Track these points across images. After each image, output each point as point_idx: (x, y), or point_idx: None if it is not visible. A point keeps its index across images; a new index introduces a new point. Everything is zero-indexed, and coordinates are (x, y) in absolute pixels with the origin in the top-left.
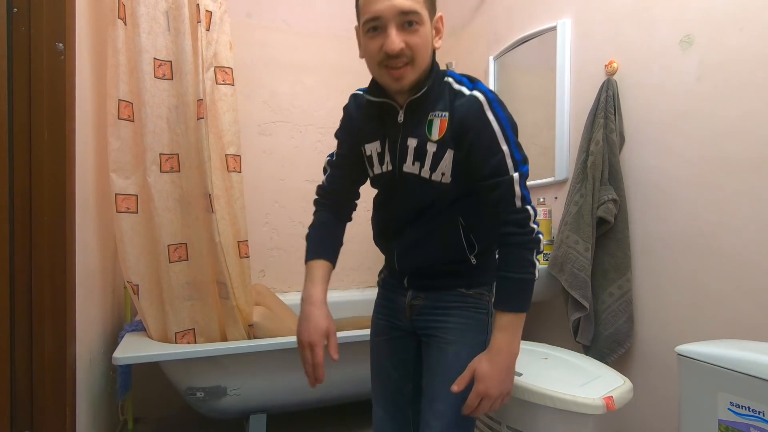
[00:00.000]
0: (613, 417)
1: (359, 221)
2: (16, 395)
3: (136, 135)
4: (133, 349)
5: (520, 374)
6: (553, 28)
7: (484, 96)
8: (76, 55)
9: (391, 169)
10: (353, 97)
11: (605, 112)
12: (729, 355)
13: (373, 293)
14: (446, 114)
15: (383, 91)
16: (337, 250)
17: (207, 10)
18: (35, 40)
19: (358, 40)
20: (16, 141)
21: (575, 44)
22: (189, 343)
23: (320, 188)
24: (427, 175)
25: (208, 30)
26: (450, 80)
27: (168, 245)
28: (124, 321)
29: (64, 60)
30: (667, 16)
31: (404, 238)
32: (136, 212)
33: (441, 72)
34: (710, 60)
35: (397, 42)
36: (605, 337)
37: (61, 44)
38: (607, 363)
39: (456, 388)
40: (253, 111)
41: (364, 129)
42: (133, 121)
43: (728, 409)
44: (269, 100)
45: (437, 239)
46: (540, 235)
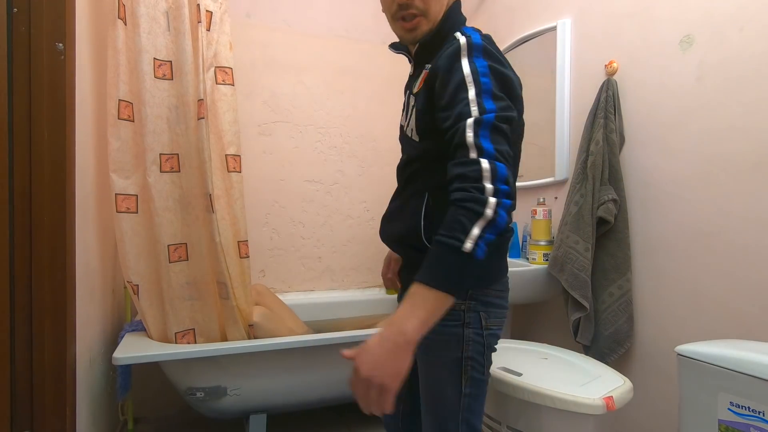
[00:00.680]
0: (613, 417)
1: (359, 221)
2: (16, 395)
3: (136, 135)
4: (133, 349)
5: (520, 374)
6: (553, 28)
7: (467, 40)
8: (76, 55)
9: (402, 125)
10: None
11: (605, 112)
12: (729, 355)
13: (373, 293)
14: (430, 65)
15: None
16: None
17: (207, 10)
18: (35, 40)
19: None
20: (16, 141)
21: (575, 44)
22: (189, 343)
23: None
24: (409, 132)
25: (209, 30)
26: (458, 33)
27: (168, 245)
28: (124, 321)
29: (64, 60)
30: (667, 16)
31: (389, 206)
32: (136, 212)
33: (455, 26)
34: (710, 60)
35: None
36: (605, 337)
37: (61, 44)
38: (607, 363)
39: (344, 354)
40: (253, 111)
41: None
42: (133, 121)
43: (728, 409)
44: (269, 100)
45: (404, 213)
46: (492, 199)
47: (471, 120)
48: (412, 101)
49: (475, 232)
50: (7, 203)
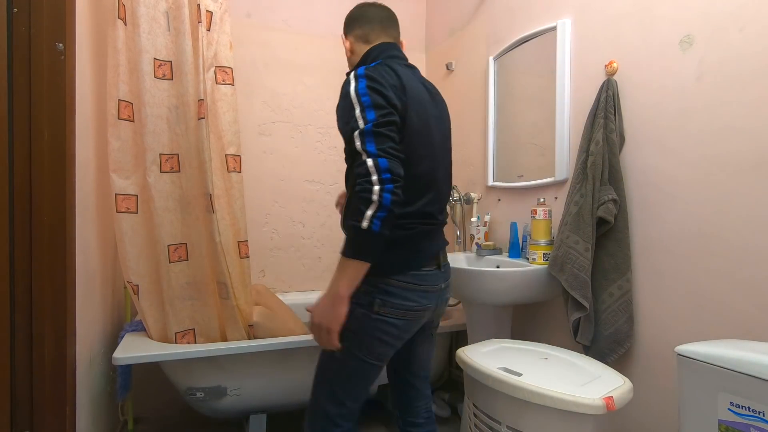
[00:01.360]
0: (613, 417)
1: None
2: (16, 395)
3: (136, 135)
4: (133, 349)
5: (520, 374)
6: (553, 28)
7: (354, 74)
8: (76, 55)
9: None
10: None
11: (605, 112)
12: (729, 355)
13: None
14: None
15: None
16: None
17: (207, 11)
18: (35, 40)
19: None
20: (16, 141)
21: (575, 44)
22: (189, 344)
23: None
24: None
25: (209, 30)
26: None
27: (168, 245)
28: (124, 321)
29: (64, 60)
30: (667, 16)
31: None
32: (136, 212)
33: (360, 65)
34: (710, 60)
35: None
36: (605, 337)
37: (61, 44)
38: (607, 363)
39: (307, 308)
40: (253, 111)
41: None
42: (133, 121)
43: (728, 409)
44: (269, 100)
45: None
46: (375, 187)
47: (358, 131)
48: None
49: (368, 213)
50: (7, 203)
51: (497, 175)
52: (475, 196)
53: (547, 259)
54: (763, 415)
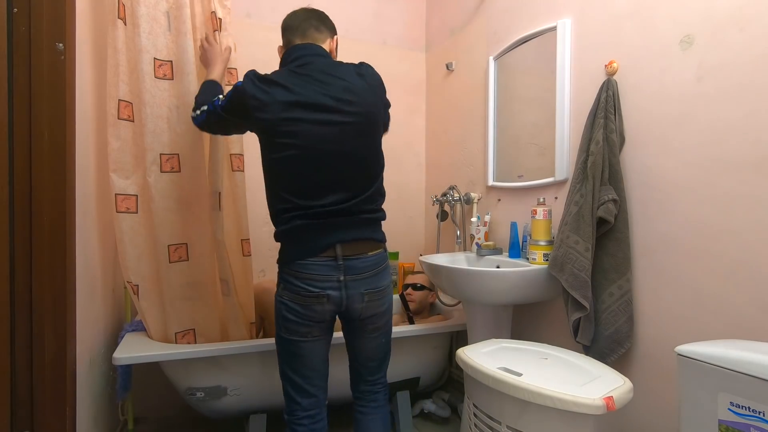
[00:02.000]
0: (613, 417)
1: None
2: (16, 395)
3: (136, 135)
4: (133, 349)
5: (520, 374)
6: (553, 28)
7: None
8: (76, 55)
9: None
10: None
11: (605, 112)
12: (729, 355)
13: None
14: None
15: None
16: None
17: (219, 18)
18: (35, 40)
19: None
20: (16, 141)
21: (575, 44)
22: (189, 343)
23: None
24: None
25: (217, 31)
26: None
27: (168, 245)
28: (124, 321)
29: (64, 60)
30: (667, 16)
31: None
32: (136, 212)
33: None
34: (710, 60)
35: None
36: (605, 337)
37: (61, 44)
38: (607, 363)
39: None
40: None
41: None
42: (133, 121)
43: (728, 409)
44: None
45: None
46: (195, 113)
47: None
48: None
49: (193, 113)
50: (7, 203)
51: (497, 175)
52: (475, 196)
53: (547, 259)
54: (763, 415)
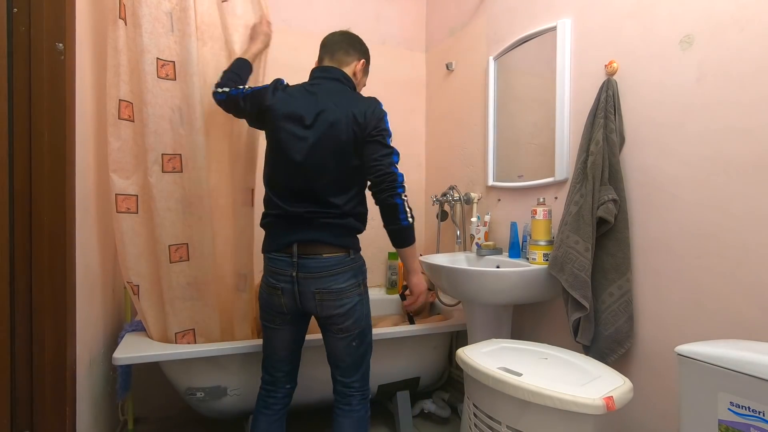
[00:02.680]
0: (613, 417)
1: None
2: (16, 395)
3: (136, 135)
4: (133, 349)
5: (520, 374)
6: (553, 28)
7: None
8: (76, 55)
9: None
10: None
11: (605, 112)
12: (729, 355)
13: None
14: None
15: None
16: None
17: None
18: (35, 40)
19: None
20: (16, 141)
21: (575, 44)
22: (189, 344)
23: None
24: None
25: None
26: None
27: (169, 245)
28: (124, 321)
29: (64, 60)
30: (667, 16)
31: None
32: (137, 213)
33: None
34: (710, 60)
35: None
36: (605, 337)
37: (61, 44)
38: (607, 363)
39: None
40: None
41: None
42: (134, 121)
43: (728, 409)
44: None
45: None
46: (217, 90)
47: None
48: None
49: None
50: (7, 203)
51: (497, 175)
52: (475, 196)
53: (547, 259)
54: (763, 415)
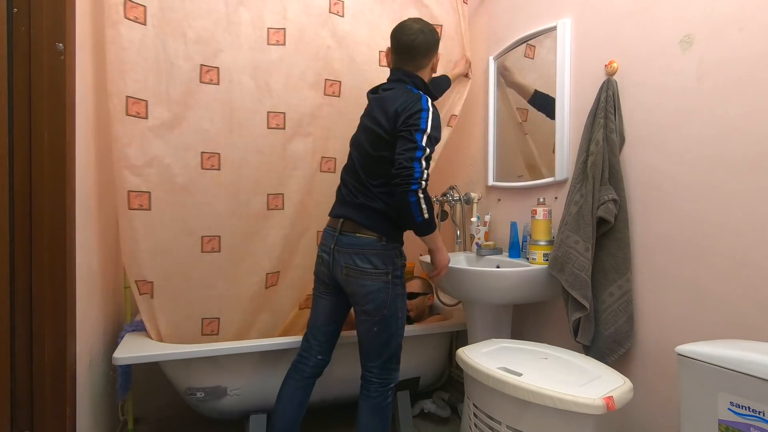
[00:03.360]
0: (613, 417)
1: None
2: (16, 395)
3: (146, 131)
4: (133, 349)
5: (520, 374)
6: (553, 28)
7: None
8: (76, 55)
9: None
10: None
11: (605, 112)
12: (729, 355)
13: None
14: None
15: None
16: None
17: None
18: (35, 40)
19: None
20: (16, 141)
21: (575, 44)
22: (213, 332)
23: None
24: None
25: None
26: None
27: (202, 236)
28: (124, 321)
29: (64, 60)
30: (667, 16)
31: None
32: (149, 209)
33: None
34: (710, 60)
35: None
36: (605, 337)
37: (61, 44)
38: (607, 363)
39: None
40: None
41: None
42: (146, 118)
43: (728, 409)
44: None
45: None
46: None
47: None
48: None
49: None
50: (7, 203)
51: (497, 175)
52: (475, 196)
53: (547, 259)
54: (763, 415)
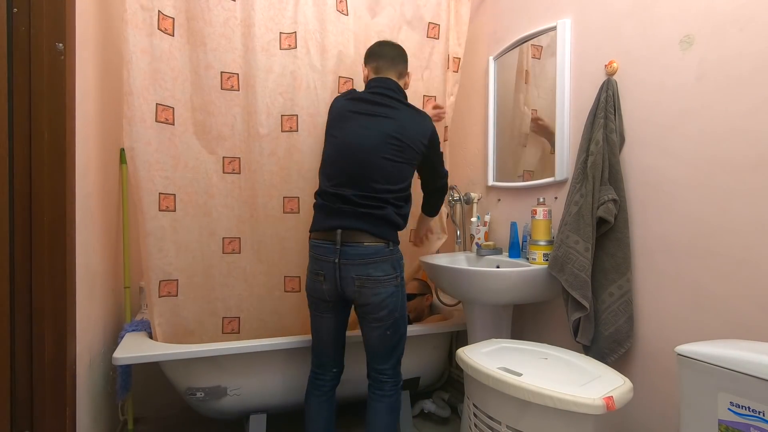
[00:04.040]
0: (613, 417)
1: None
2: (16, 395)
3: (173, 137)
4: (133, 349)
5: (520, 374)
6: (553, 28)
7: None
8: (78, 55)
9: None
10: None
11: (605, 112)
12: (729, 355)
13: None
14: None
15: None
16: None
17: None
18: (35, 40)
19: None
20: (16, 141)
21: (575, 44)
22: (233, 331)
23: None
24: None
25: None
26: None
27: (223, 237)
28: (124, 321)
29: (64, 60)
30: (667, 16)
31: None
32: (175, 210)
33: None
34: (710, 60)
35: None
36: (605, 337)
37: (61, 44)
38: (607, 363)
39: None
40: None
41: None
42: (173, 125)
43: (728, 409)
44: None
45: None
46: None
47: None
48: None
49: None
50: (7, 203)
51: (497, 175)
52: (475, 196)
53: (547, 259)
54: (763, 415)
